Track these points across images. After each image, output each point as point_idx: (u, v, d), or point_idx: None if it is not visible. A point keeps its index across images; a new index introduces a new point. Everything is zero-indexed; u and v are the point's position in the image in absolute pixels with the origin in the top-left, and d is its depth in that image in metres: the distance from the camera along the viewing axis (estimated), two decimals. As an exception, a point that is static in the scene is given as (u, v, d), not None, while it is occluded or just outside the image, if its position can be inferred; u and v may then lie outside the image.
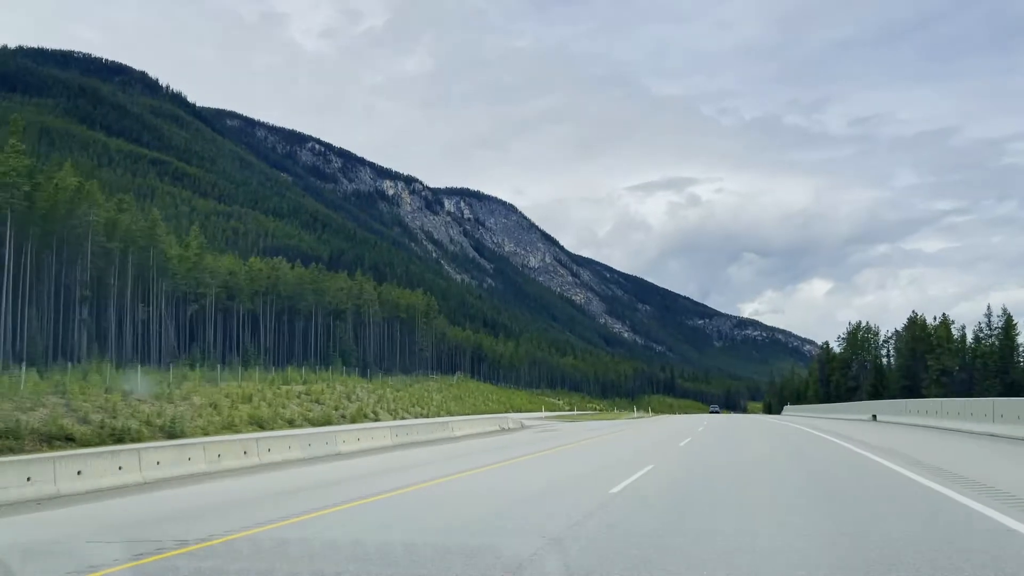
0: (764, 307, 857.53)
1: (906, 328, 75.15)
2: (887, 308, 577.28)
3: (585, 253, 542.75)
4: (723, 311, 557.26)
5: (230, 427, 41.51)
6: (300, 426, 44.54)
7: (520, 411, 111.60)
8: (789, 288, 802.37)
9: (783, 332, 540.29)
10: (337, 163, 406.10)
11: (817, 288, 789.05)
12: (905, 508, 9.60)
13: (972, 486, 10.87)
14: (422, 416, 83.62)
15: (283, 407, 49.93)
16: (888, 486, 11.80)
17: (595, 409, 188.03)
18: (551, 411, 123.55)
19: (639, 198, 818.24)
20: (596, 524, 8.65)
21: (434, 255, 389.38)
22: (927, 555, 6.66)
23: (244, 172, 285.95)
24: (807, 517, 9.03)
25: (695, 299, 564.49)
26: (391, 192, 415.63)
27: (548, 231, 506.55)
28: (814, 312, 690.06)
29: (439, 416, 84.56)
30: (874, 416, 37.97)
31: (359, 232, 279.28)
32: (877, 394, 73.94)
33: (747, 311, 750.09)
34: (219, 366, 68.98)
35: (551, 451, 22.69)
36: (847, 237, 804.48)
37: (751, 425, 42.10)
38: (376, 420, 62.07)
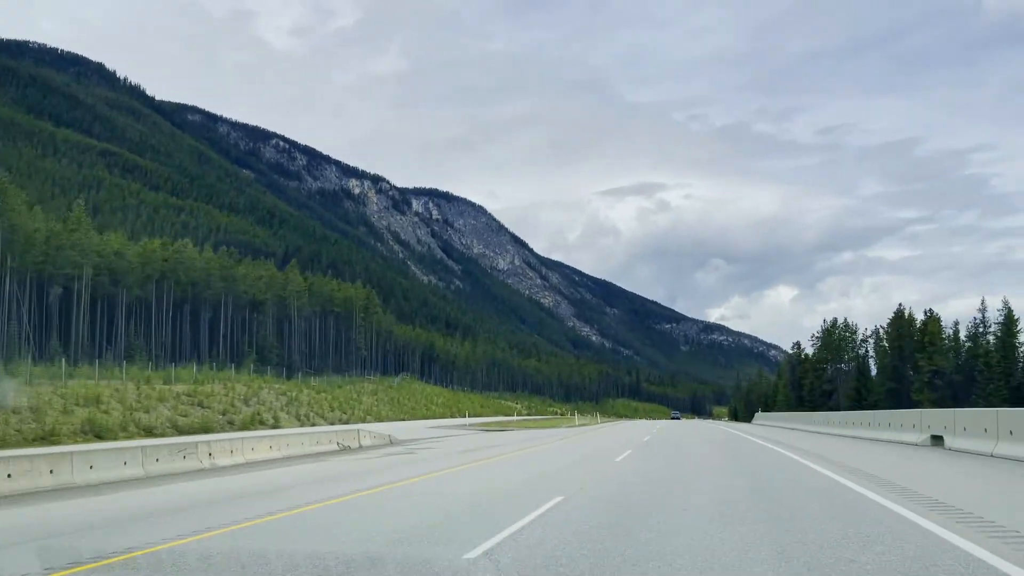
0: (731, 312, 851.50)
1: (891, 324, 64.18)
2: (851, 315, 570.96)
3: (555, 257, 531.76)
4: (690, 316, 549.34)
5: (49, 438, 30.99)
6: (164, 435, 35.77)
7: (465, 416, 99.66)
8: (755, 294, 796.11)
9: (749, 337, 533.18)
10: (302, 161, 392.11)
11: (783, 294, 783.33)
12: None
13: None
14: (343, 422, 71.97)
15: (147, 411, 39.37)
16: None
17: (556, 413, 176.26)
18: (504, 415, 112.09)
19: (609, 203, 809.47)
20: None
21: (400, 256, 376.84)
22: None
23: (202, 167, 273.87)
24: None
25: (663, 303, 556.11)
26: (357, 191, 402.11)
27: (519, 234, 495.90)
28: (780, 318, 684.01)
29: (363, 422, 72.76)
30: (935, 438, 19.51)
31: (319, 229, 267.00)
32: (860, 398, 62.92)
33: (714, 316, 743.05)
34: (96, 362, 56.73)
35: (392, 486, 12.97)
36: (813, 244, 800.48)
37: (707, 438, 30.74)
38: (274, 427, 51.97)
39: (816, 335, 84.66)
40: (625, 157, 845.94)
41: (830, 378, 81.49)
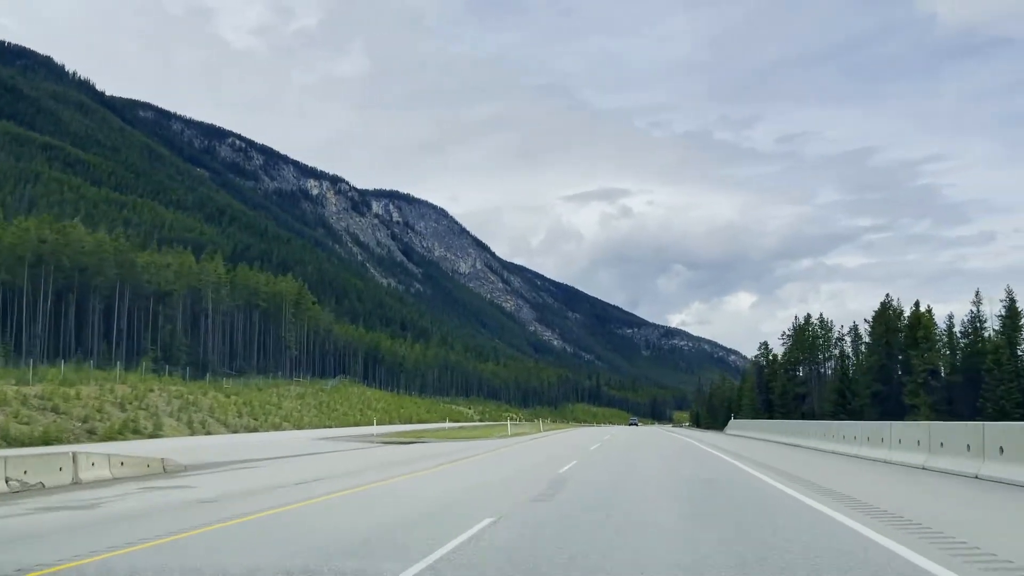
0: (691, 318, 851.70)
1: (876, 319, 54.88)
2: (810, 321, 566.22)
3: (518, 261, 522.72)
4: (651, 321, 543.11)
5: None
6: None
7: (399, 423, 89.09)
8: (715, 300, 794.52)
9: (709, 342, 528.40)
10: (259, 160, 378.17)
11: (743, 300, 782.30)
12: None
13: None
14: (251, 429, 61.76)
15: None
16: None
17: (513, 419, 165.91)
18: (453, 421, 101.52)
19: (573, 208, 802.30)
20: None
21: (359, 258, 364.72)
22: None
23: (152, 164, 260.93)
24: None
25: (625, 308, 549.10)
26: (315, 192, 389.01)
27: (481, 238, 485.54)
28: (739, 324, 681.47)
29: (278, 429, 62.27)
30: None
31: (272, 228, 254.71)
32: (843, 403, 53.56)
33: (675, 321, 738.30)
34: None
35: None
36: (772, 251, 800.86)
37: (667, 454, 21.00)
38: (153, 436, 42.06)
39: (786, 333, 75.59)
40: (589, 163, 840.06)
41: (803, 380, 72.42)
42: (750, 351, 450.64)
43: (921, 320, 50.07)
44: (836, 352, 69.19)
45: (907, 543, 6.62)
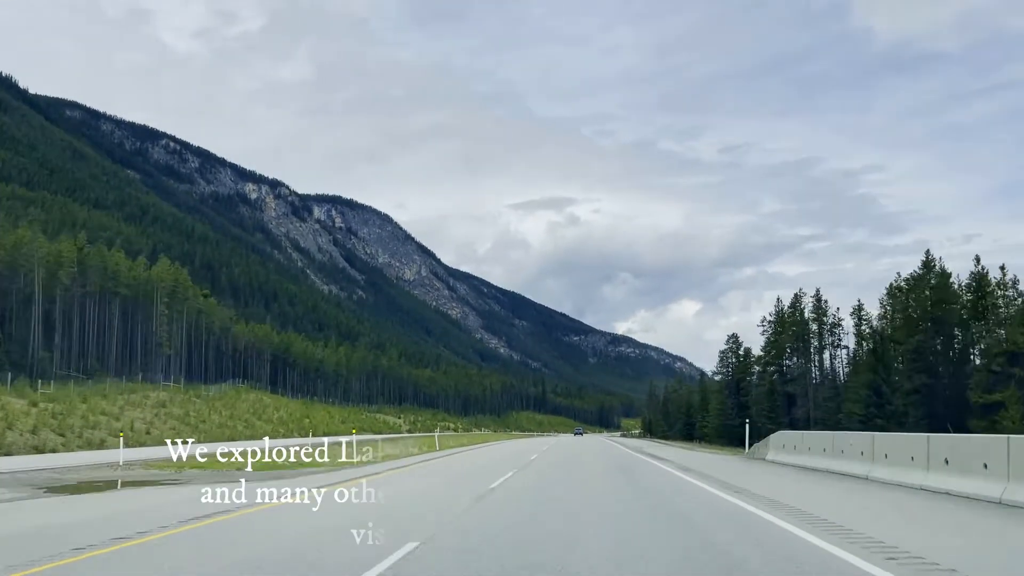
0: (637, 326, 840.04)
1: (915, 284, 37.83)
2: (752, 328, 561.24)
3: (465, 268, 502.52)
4: (598, 328, 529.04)
5: None
6: None
7: (297, 435, 70.81)
8: (661, 308, 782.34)
9: (655, 349, 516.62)
10: (194, 163, 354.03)
11: (687, 308, 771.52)
12: None
13: None
14: (52, 449, 43.32)
15: None
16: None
17: (450, 428, 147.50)
18: (375, 433, 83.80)
19: (520, 216, 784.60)
20: None
21: (299, 264, 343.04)
22: None
23: (74, 162, 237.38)
24: None
25: (572, 316, 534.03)
26: (254, 196, 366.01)
27: (429, 246, 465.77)
28: (684, 331, 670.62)
29: (100, 448, 43.69)
30: None
31: (199, 229, 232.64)
32: (880, 402, 36.58)
33: (621, 329, 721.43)
34: None
35: None
36: (716, 260, 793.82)
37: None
38: None
39: (768, 320, 59.13)
40: (536, 171, 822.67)
41: (791, 378, 55.98)
42: (695, 358, 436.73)
43: (984, 286, 33.67)
44: (833, 340, 52.91)
45: None
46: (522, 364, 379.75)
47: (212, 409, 70.24)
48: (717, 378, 70.79)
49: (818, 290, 52.56)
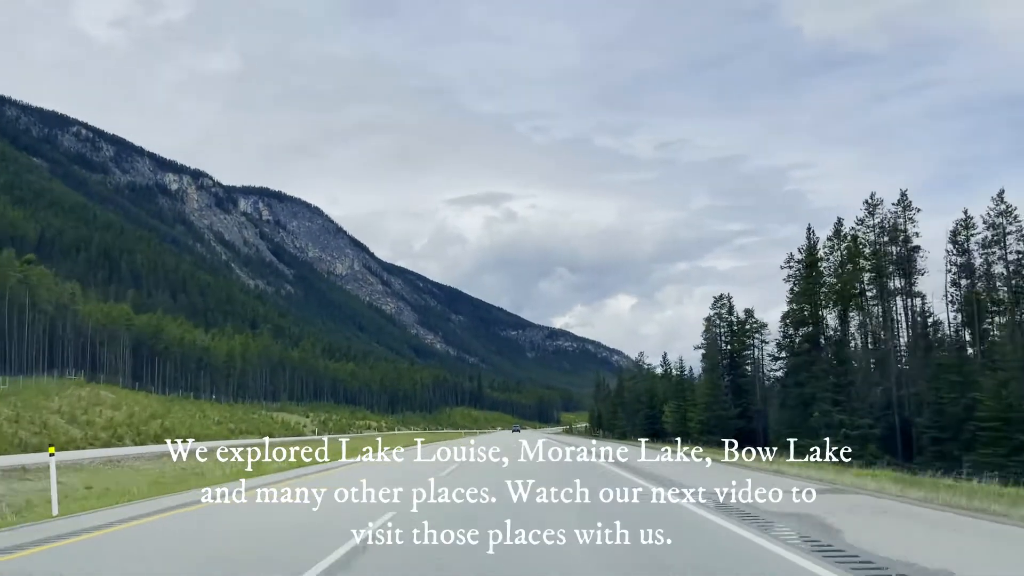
0: (574, 320, 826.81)
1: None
2: (686, 322, 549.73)
3: (401, 264, 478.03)
4: (536, 323, 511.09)
5: None
6: None
7: (130, 444, 49.04)
8: (597, 303, 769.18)
9: (593, 343, 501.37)
10: (108, 151, 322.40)
11: (623, 303, 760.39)
12: None
13: None
14: None
15: None
16: None
17: (371, 427, 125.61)
18: (268, 435, 61.88)
19: (457, 212, 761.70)
20: None
21: (223, 257, 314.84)
22: None
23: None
24: None
25: (509, 311, 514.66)
26: (175, 187, 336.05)
27: (364, 241, 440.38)
28: (621, 325, 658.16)
29: None
30: None
31: (101, 216, 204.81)
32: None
33: (559, 323, 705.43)
34: None
35: None
36: (651, 255, 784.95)
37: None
38: None
39: (795, 260, 39.73)
40: (472, 166, 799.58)
41: (839, 339, 36.63)
42: (632, 351, 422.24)
43: None
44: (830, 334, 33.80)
45: None
46: (459, 359, 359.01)
47: (21, 409, 47.97)
48: (701, 352, 51.40)
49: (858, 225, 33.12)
